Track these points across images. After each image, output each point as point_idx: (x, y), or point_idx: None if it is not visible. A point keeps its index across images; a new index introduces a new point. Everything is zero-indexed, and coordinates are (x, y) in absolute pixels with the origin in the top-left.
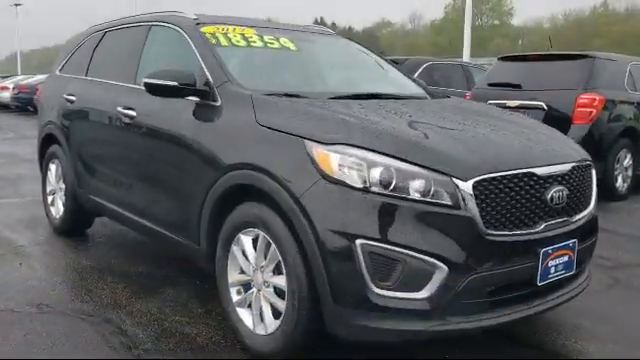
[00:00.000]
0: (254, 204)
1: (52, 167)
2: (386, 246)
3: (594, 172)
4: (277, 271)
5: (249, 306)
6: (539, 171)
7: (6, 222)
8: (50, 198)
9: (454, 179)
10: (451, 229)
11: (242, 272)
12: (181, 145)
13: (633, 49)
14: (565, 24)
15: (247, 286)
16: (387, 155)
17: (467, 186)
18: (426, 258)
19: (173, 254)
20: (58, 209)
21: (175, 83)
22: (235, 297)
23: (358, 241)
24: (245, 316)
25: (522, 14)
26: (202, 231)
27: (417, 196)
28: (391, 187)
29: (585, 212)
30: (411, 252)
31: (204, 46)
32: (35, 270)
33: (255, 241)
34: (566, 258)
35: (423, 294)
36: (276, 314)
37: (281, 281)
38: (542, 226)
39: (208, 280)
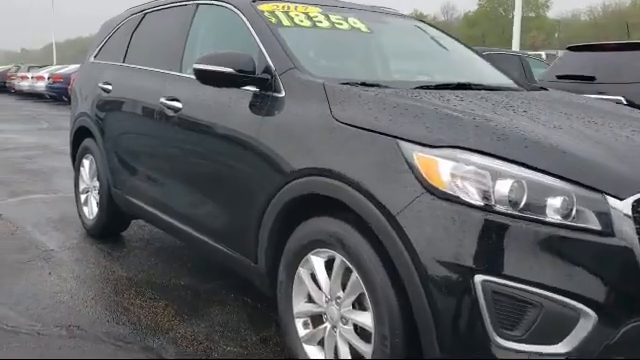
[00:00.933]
0: (329, 219)
1: (85, 163)
2: (516, 285)
3: None
4: (359, 305)
5: (320, 344)
6: None
7: (35, 221)
8: (83, 197)
9: (607, 196)
10: (601, 263)
11: (311, 301)
12: (236, 143)
13: None
14: (604, 16)
15: (317, 318)
16: (517, 163)
17: (624, 206)
18: (568, 301)
19: (219, 265)
20: (91, 209)
21: (231, 70)
22: (302, 331)
23: (478, 277)
24: (314, 354)
25: (558, 6)
26: (260, 246)
27: (556, 218)
28: (521, 205)
29: None
30: (548, 293)
31: (263, 27)
32: (65, 281)
33: (329, 264)
34: None
35: (563, 348)
36: (357, 358)
37: (365, 319)
38: None
39: (260, 298)
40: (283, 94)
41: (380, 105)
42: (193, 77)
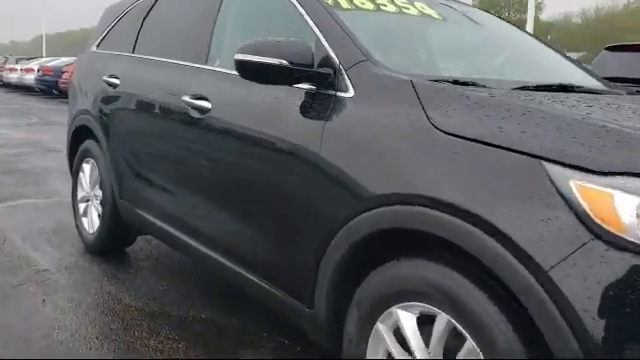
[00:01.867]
0: (427, 263)
1: (86, 168)
2: None
3: None
4: None
5: None
6: None
7: (26, 232)
8: (82, 206)
9: None
10: None
11: None
12: (286, 156)
13: None
14: (596, 19)
15: None
16: None
17: None
18: None
19: (244, 293)
20: (92, 222)
21: (285, 62)
22: None
23: None
24: None
25: (550, 9)
26: (319, 289)
27: None
28: None
29: None
30: None
31: (319, 9)
32: (63, 313)
33: (423, 321)
34: None
35: None
36: None
37: None
38: None
39: (299, 339)
40: (352, 94)
41: (502, 111)
42: (224, 71)
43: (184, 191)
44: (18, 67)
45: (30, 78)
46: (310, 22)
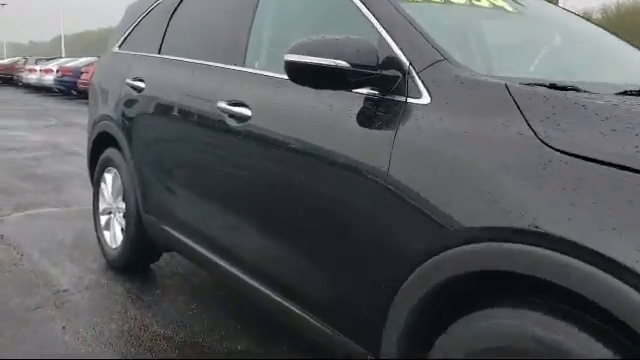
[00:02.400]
0: (531, 314)
1: (107, 178)
2: None
3: None
4: None
5: None
6: None
7: (44, 246)
8: (104, 219)
9: None
10: None
11: None
12: (344, 174)
13: None
14: (618, 14)
15: None
16: None
17: None
18: None
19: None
20: (115, 236)
21: (344, 63)
22: None
23: None
24: None
25: (570, 4)
26: (388, 335)
27: None
28: None
29: None
30: None
31: (380, 0)
32: (85, 342)
33: None
34: None
35: None
36: None
37: None
38: None
39: None
40: (427, 101)
41: (635, 124)
42: (266, 73)
43: (219, 208)
44: (37, 68)
45: (49, 79)
46: (370, 16)
